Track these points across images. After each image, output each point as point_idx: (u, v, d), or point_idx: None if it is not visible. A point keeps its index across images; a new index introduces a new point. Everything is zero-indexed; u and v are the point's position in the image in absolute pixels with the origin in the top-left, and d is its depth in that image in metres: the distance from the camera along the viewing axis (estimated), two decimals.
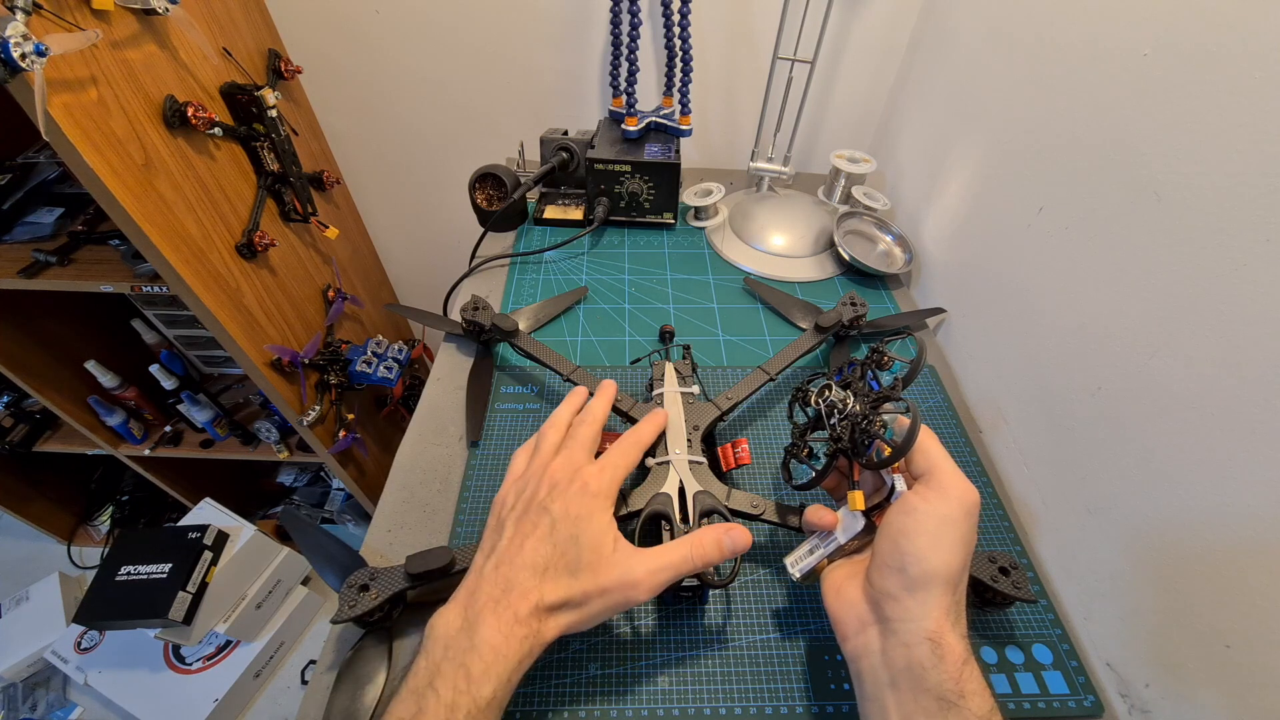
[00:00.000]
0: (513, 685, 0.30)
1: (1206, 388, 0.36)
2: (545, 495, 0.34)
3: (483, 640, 0.29)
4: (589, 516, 0.33)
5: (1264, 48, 0.33)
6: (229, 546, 1.06)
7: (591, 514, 0.34)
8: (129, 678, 1.11)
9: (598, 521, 0.33)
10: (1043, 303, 0.51)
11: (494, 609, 0.30)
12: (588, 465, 0.36)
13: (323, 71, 0.92)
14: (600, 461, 0.37)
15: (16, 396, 1.12)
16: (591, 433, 0.39)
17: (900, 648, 0.30)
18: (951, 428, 0.57)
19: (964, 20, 0.67)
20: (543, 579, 0.31)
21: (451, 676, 0.28)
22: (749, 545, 0.35)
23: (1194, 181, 0.37)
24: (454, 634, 0.30)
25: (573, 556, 0.32)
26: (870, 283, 0.73)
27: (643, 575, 0.32)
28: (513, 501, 0.36)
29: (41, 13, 0.50)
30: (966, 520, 0.32)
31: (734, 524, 0.36)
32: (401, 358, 1.02)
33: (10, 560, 1.41)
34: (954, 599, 0.31)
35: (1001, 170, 0.58)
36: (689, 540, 0.35)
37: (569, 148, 0.76)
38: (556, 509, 0.33)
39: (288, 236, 0.88)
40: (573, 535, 0.33)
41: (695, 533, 0.35)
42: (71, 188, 0.89)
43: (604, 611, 0.32)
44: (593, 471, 0.35)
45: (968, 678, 0.28)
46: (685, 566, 0.34)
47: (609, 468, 0.36)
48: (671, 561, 0.33)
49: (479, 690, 0.28)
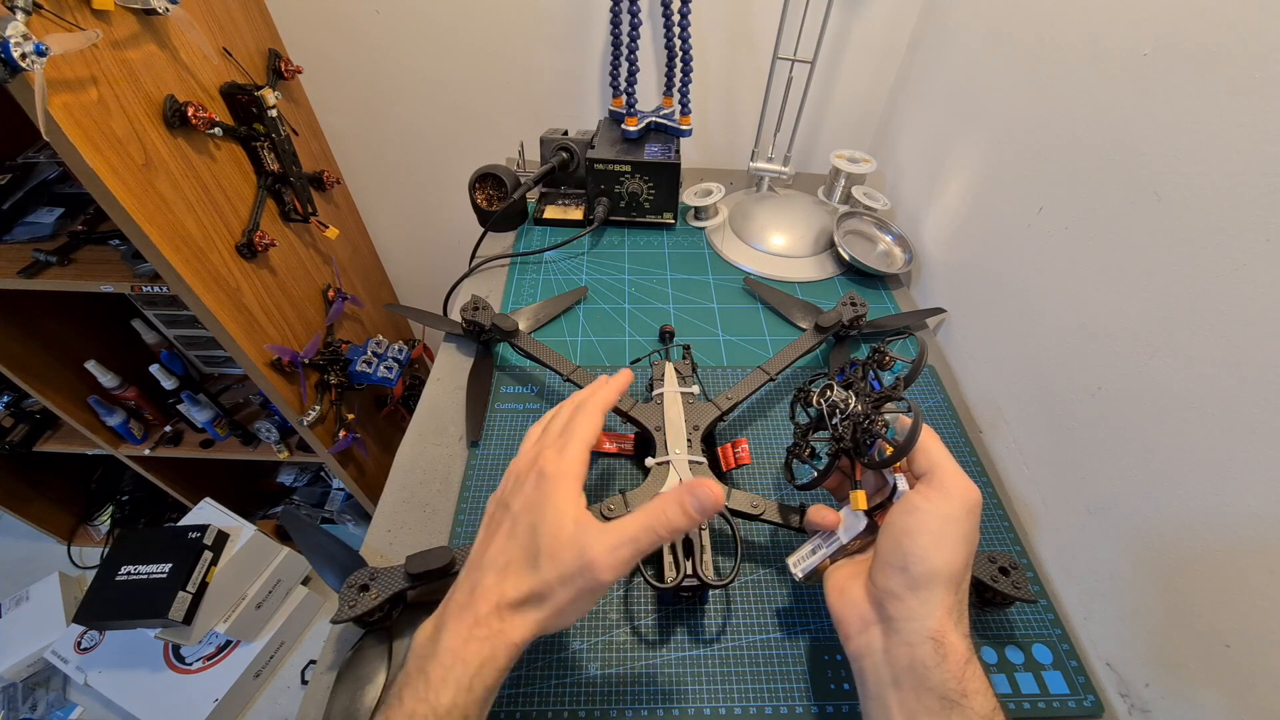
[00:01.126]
0: (476, 690, 0.28)
1: (1206, 388, 0.36)
2: (509, 491, 0.33)
3: (442, 646, 0.28)
4: (545, 501, 0.31)
5: (1264, 48, 0.33)
6: (229, 546, 1.06)
7: (547, 498, 0.31)
8: (129, 678, 1.11)
9: (554, 505, 0.30)
10: (1043, 303, 0.51)
11: (457, 614, 0.29)
12: (548, 450, 0.33)
13: (323, 71, 0.92)
14: (561, 440, 0.33)
15: (16, 396, 1.12)
16: (564, 423, 0.35)
17: (903, 647, 0.30)
18: (951, 428, 0.57)
19: (964, 20, 0.67)
20: (503, 576, 0.30)
21: (413, 685, 0.28)
22: (719, 501, 0.31)
23: (1194, 181, 0.37)
24: (424, 642, 0.29)
25: (531, 548, 0.30)
26: (870, 283, 0.73)
27: (600, 553, 0.29)
28: (492, 510, 0.34)
29: (42, 13, 0.50)
30: (969, 519, 0.32)
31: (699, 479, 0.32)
32: (401, 358, 1.02)
33: (10, 560, 1.41)
34: (956, 598, 0.31)
35: (1001, 170, 0.58)
36: (649, 509, 0.31)
37: (569, 148, 0.76)
38: (516, 504, 0.32)
39: (288, 236, 0.88)
40: (530, 525, 0.30)
41: (656, 499, 0.31)
42: (71, 188, 0.89)
43: (573, 601, 0.29)
44: (549, 455, 0.32)
45: (970, 677, 0.28)
46: (647, 537, 0.30)
47: (568, 443, 0.33)
48: (631, 534, 0.30)
49: (437, 697, 0.27)
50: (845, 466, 0.38)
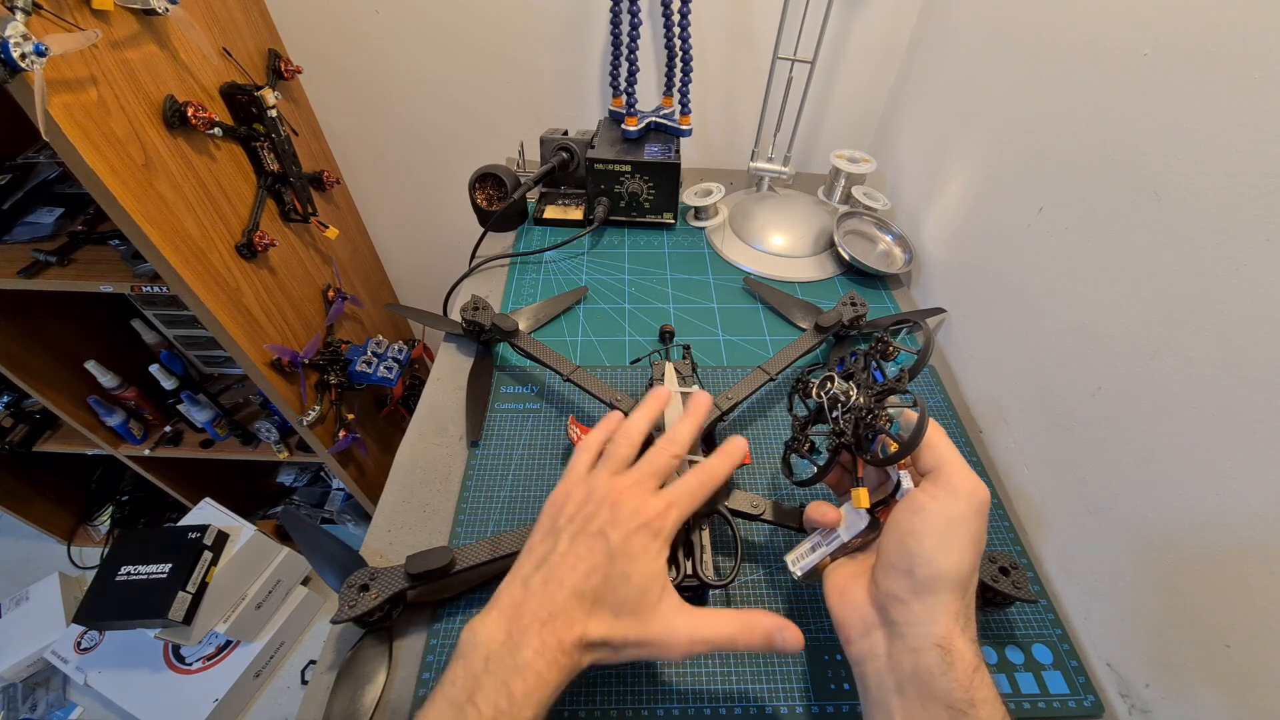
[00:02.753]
0: (547, 710, 0.29)
1: (1206, 388, 0.36)
2: (607, 519, 0.32)
3: (527, 663, 0.28)
4: (645, 556, 0.32)
5: (1264, 48, 0.33)
6: (229, 546, 1.06)
7: (648, 554, 0.32)
8: (129, 678, 1.11)
9: (653, 564, 0.32)
10: (1043, 303, 0.51)
11: (539, 631, 0.29)
12: (655, 499, 0.34)
13: (323, 71, 0.92)
14: (669, 498, 0.34)
15: (16, 396, 1.12)
16: (669, 464, 0.36)
17: (907, 653, 0.29)
18: (952, 428, 0.57)
19: (964, 20, 0.67)
20: (590, 613, 0.30)
21: (493, 694, 0.27)
22: (800, 649, 0.32)
23: (1194, 181, 0.37)
24: (496, 647, 0.29)
25: (621, 595, 0.31)
26: (870, 283, 0.73)
27: (683, 640, 0.31)
28: (572, 512, 0.34)
29: (41, 13, 0.50)
30: (976, 519, 0.31)
31: (790, 623, 0.33)
32: (401, 358, 1.02)
33: (10, 560, 1.41)
34: (964, 602, 0.30)
35: (1001, 170, 0.58)
36: (740, 621, 0.32)
37: (569, 148, 0.76)
38: (615, 539, 0.32)
39: (288, 236, 0.88)
40: (625, 573, 0.31)
41: (749, 615, 0.33)
42: (71, 188, 0.89)
43: (634, 658, 0.31)
44: (659, 509, 0.33)
45: (978, 685, 0.28)
46: (727, 647, 0.32)
47: (676, 508, 0.34)
48: (715, 638, 0.32)
49: (520, 713, 0.27)
50: (846, 462, 0.37)
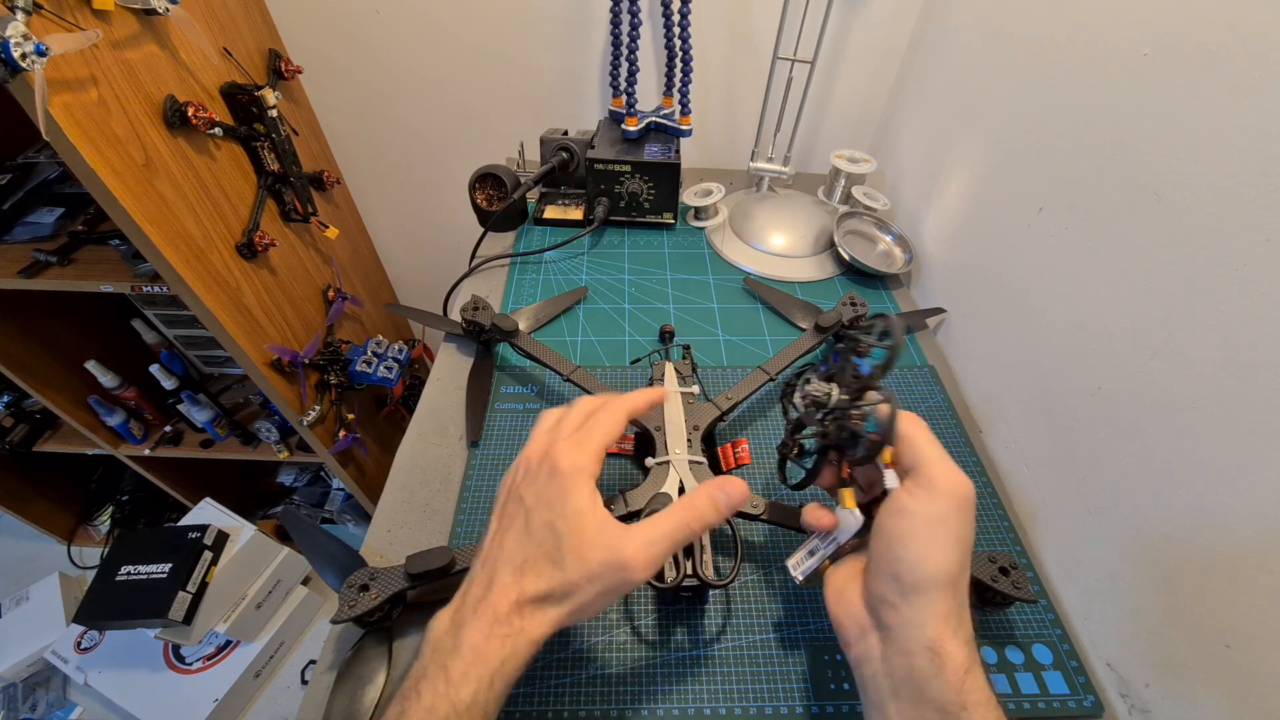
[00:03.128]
0: (497, 687, 0.28)
1: (1206, 388, 0.36)
2: (520, 482, 0.32)
3: (463, 641, 0.28)
4: (562, 498, 0.30)
5: (1264, 48, 0.33)
6: (229, 546, 1.06)
7: (565, 494, 0.30)
8: (129, 678, 1.11)
9: (573, 501, 0.30)
10: (1043, 303, 0.51)
11: (475, 609, 0.29)
12: (559, 441, 0.32)
13: (323, 71, 0.92)
14: (574, 435, 0.33)
15: (16, 396, 1.12)
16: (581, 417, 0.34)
17: (900, 656, 0.29)
18: (951, 428, 0.57)
19: (964, 20, 0.67)
20: (521, 573, 0.30)
21: (433, 679, 0.28)
22: (745, 496, 0.32)
23: (1194, 181, 0.37)
24: (442, 636, 0.30)
25: (551, 545, 0.30)
26: (870, 283, 0.73)
27: (634, 552, 0.29)
28: (506, 486, 0.34)
29: (42, 13, 0.50)
30: (959, 516, 0.29)
31: (725, 477, 0.33)
32: (401, 358, 1.02)
33: (10, 560, 1.41)
34: (954, 602, 0.29)
35: (1001, 170, 0.58)
36: (681, 505, 0.32)
37: (569, 148, 0.76)
38: (529, 497, 0.31)
39: (288, 236, 0.88)
40: (547, 522, 0.30)
41: (686, 496, 0.32)
42: (71, 188, 0.89)
43: (598, 599, 0.30)
44: (564, 448, 0.31)
45: (971, 688, 0.27)
46: (681, 533, 0.31)
47: (584, 439, 0.32)
48: (666, 531, 0.30)
49: (458, 693, 0.27)
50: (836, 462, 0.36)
